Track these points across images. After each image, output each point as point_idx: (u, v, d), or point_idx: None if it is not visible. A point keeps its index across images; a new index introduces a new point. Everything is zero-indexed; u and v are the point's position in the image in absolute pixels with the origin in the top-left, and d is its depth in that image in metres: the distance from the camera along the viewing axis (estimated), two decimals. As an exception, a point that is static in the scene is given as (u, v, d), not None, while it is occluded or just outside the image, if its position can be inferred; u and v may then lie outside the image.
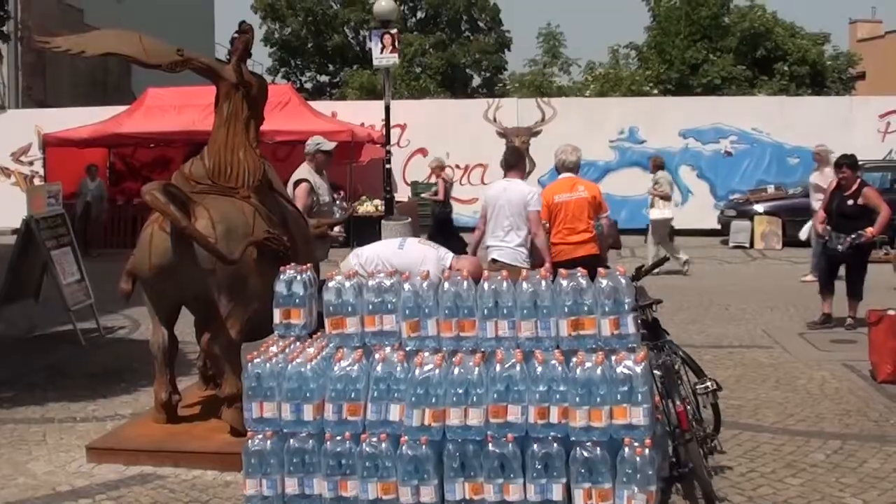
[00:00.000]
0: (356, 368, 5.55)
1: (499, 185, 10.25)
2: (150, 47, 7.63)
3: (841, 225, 12.23)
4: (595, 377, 5.25)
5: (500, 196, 9.92)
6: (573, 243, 10.16)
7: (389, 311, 5.73)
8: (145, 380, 9.49)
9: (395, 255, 7.89)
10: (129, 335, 12.76)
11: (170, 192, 7.09)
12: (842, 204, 12.28)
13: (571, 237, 10.21)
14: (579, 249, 10.07)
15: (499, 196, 9.93)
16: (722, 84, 36.96)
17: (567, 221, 10.25)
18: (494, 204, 9.91)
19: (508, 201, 9.80)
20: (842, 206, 12.28)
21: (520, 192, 9.82)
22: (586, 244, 10.14)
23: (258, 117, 8.04)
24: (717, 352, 11.13)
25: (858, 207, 12.17)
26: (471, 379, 5.35)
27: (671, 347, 6.71)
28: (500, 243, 9.87)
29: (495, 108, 27.69)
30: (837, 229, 12.23)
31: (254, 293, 7.14)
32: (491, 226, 9.98)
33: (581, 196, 10.33)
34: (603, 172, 27.17)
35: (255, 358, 5.74)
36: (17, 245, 12.51)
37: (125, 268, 7.58)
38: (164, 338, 7.61)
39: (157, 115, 25.19)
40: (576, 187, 10.45)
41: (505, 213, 9.81)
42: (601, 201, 10.52)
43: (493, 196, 10.04)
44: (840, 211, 12.30)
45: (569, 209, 10.28)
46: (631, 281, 5.69)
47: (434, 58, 48.91)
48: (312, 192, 9.74)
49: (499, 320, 5.55)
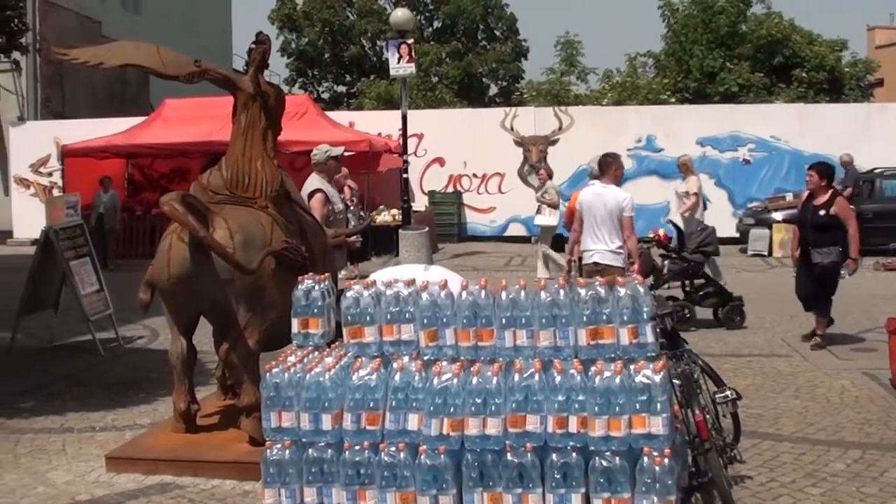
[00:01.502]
0: (374, 378, 5.55)
1: (592, 190, 10.84)
2: (168, 59, 7.68)
3: (815, 239, 11.68)
4: (614, 386, 5.23)
5: (595, 201, 10.52)
6: None
7: (407, 321, 5.72)
8: (164, 389, 9.52)
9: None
10: (148, 345, 12.81)
11: (188, 202, 7.12)
12: (814, 215, 11.72)
13: None
14: None
15: (594, 201, 10.53)
16: (739, 92, 36.85)
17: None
18: (589, 209, 10.53)
19: (604, 206, 10.43)
20: (814, 218, 11.71)
21: (615, 198, 10.47)
22: None
23: (276, 127, 8.06)
24: (737, 360, 11.11)
25: (830, 218, 11.59)
26: (489, 388, 5.34)
27: (690, 356, 6.69)
28: (599, 246, 10.48)
29: (512, 117, 27.73)
30: (814, 245, 11.67)
31: (272, 303, 7.16)
32: (586, 230, 10.60)
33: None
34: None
35: (274, 367, 5.74)
36: (36, 256, 12.59)
37: (144, 278, 7.61)
38: (183, 347, 7.64)
39: (174, 125, 25.28)
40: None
41: (601, 217, 10.43)
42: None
43: (587, 201, 10.64)
44: (813, 223, 11.72)
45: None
46: (649, 290, 5.68)
47: (451, 67, 48.97)
48: (328, 202, 9.77)
49: (517, 329, 5.53)
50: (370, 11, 50.58)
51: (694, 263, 13.59)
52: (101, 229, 22.83)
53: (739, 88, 37.08)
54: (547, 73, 43.22)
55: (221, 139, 19.48)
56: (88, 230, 13.63)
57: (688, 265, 13.52)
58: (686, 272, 13.63)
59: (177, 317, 7.63)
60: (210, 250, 6.98)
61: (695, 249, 13.63)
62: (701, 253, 13.67)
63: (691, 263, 13.57)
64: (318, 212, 9.33)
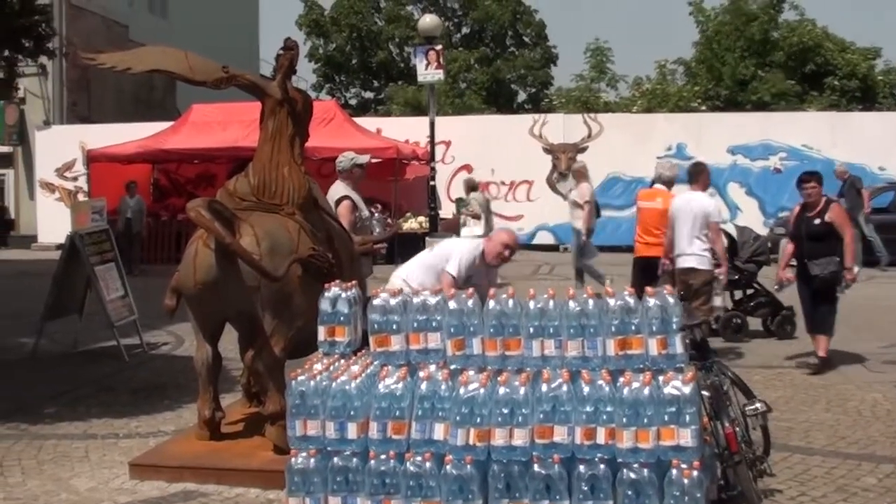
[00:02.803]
0: (401, 386, 5.55)
1: (683, 197, 11.59)
2: (196, 64, 7.70)
3: (812, 250, 11.26)
4: (642, 397, 5.22)
5: (684, 207, 11.26)
6: (644, 243, 12.19)
7: (434, 329, 5.73)
8: (188, 396, 9.56)
9: (428, 255, 8.67)
10: (173, 351, 12.86)
11: (214, 208, 7.14)
12: (809, 225, 11.32)
13: (645, 238, 12.20)
14: (650, 250, 12.01)
15: (683, 207, 11.27)
16: (772, 101, 36.71)
17: (642, 224, 12.33)
18: (679, 215, 11.22)
19: (692, 212, 11.10)
20: (809, 227, 11.30)
21: (702, 204, 11.24)
22: (655, 247, 11.85)
23: (303, 134, 8.08)
24: (767, 372, 11.05)
25: (825, 226, 11.20)
26: (516, 398, 5.34)
27: (720, 367, 6.67)
28: (686, 251, 11.12)
29: (541, 124, 27.68)
30: (809, 256, 11.24)
31: (298, 310, 7.17)
32: (677, 235, 11.23)
33: (656, 207, 12.07)
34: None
35: (299, 375, 5.76)
36: (61, 261, 12.66)
37: (169, 284, 7.64)
38: (209, 354, 7.66)
39: (201, 131, 25.43)
40: (656, 198, 12.23)
41: (688, 223, 11.09)
42: None
43: (677, 208, 11.36)
44: (808, 233, 11.32)
45: (644, 214, 12.32)
46: (680, 300, 5.66)
47: (479, 73, 49.04)
48: (355, 209, 9.81)
49: (545, 339, 5.53)
50: (398, 17, 50.73)
51: (747, 273, 13.52)
52: (128, 234, 22.97)
53: (772, 97, 36.94)
54: (576, 80, 43.32)
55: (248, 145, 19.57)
56: (115, 235, 13.71)
57: (740, 275, 13.44)
58: (738, 282, 13.55)
59: (202, 323, 7.65)
60: (236, 257, 7.01)
61: (748, 259, 13.56)
62: (754, 263, 13.61)
63: (744, 273, 13.49)
64: (345, 219, 9.35)
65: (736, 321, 13.26)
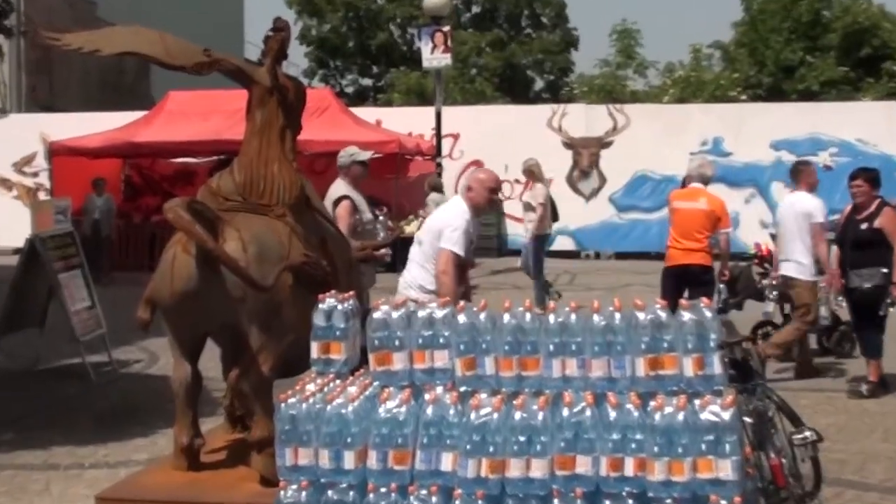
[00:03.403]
0: (404, 411, 5.55)
1: (787, 199, 12.15)
2: (174, 47, 7.70)
3: (854, 258, 11.28)
4: (676, 424, 5.21)
5: (786, 212, 11.79)
6: (682, 249, 12.01)
7: (442, 346, 5.72)
8: (164, 421, 9.58)
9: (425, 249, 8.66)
10: (146, 370, 12.90)
11: (195, 209, 7.14)
12: (855, 229, 11.37)
13: (683, 243, 12.01)
14: (689, 257, 11.91)
15: (785, 212, 11.81)
16: (821, 90, 36.67)
17: (679, 228, 12.14)
18: (782, 221, 11.75)
19: (794, 216, 11.61)
20: (855, 232, 11.35)
21: (804, 206, 11.62)
22: (696, 253, 11.86)
23: (295, 126, 8.08)
24: (817, 396, 11.05)
25: (873, 232, 11.19)
26: (534, 425, 5.33)
27: (764, 391, 6.68)
28: (788, 258, 11.55)
29: (560, 116, 27.78)
30: (852, 265, 11.28)
31: (289, 324, 7.17)
32: (779, 243, 11.75)
33: (699, 207, 12.02)
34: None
35: (290, 398, 5.76)
36: (19, 267, 12.69)
37: (143, 294, 7.65)
38: (187, 373, 7.65)
39: (179, 121, 25.48)
40: (698, 198, 12.18)
41: (790, 229, 11.57)
42: (721, 216, 12.08)
43: (782, 213, 11.89)
44: (853, 238, 11.35)
45: (683, 216, 12.17)
46: (718, 314, 5.67)
47: (491, 58, 49.10)
48: (356, 211, 9.83)
49: (566, 358, 5.53)
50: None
51: None
52: (96, 238, 22.98)
53: (821, 86, 36.90)
54: (600, 66, 43.41)
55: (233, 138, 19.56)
56: (81, 239, 13.72)
57: None
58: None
59: (180, 338, 7.64)
60: (220, 264, 7.01)
61: None
62: None
63: None
64: (344, 221, 9.37)
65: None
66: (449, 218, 8.50)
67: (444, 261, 8.21)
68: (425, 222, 9.15)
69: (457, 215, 8.48)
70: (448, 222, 8.44)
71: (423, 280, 8.47)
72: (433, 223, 8.72)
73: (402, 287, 8.62)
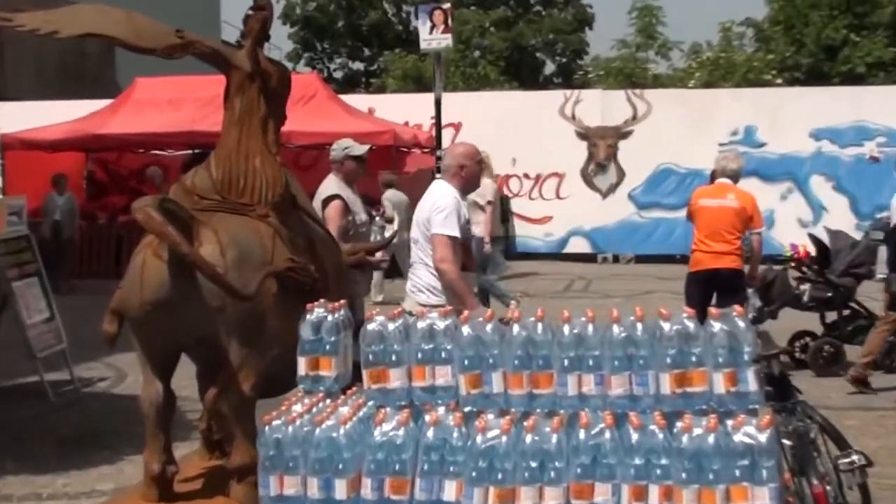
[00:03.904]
0: (401, 434, 5.54)
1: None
2: (142, 27, 7.70)
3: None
4: (706, 448, 5.21)
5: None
6: (710, 252, 11.91)
7: (444, 361, 5.72)
8: (132, 446, 9.56)
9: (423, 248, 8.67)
10: (112, 389, 12.89)
11: (167, 209, 7.14)
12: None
13: (711, 246, 11.93)
14: (718, 261, 11.83)
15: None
16: (868, 72, 36.65)
17: (706, 228, 12.03)
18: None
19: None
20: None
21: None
22: (726, 256, 11.82)
23: (278, 116, 8.10)
24: (864, 415, 11.05)
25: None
26: (547, 449, 5.33)
27: (805, 410, 6.67)
28: None
29: (574, 103, 27.80)
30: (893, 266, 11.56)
31: (273, 337, 7.18)
32: None
33: (729, 205, 11.96)
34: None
35: (274, 419, 5.76)
36: (-33, 274, 12.66)
37: (109, 304, 7.64)
38: (158, 393, 7.64)
39: (147, 111, 25.46)
40: (726, 194, 12.12)
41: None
42: (753, 214, 12.04)
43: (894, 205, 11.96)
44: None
45: (710, 216, 12.04)
46: (752, 324, 5.67)
47: (496, 39, 49.15)
48: (348, 211, 9.83)
49: (583, 374, 5.52)
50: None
51: (843, 289, 13.49)
52: (57, 241, 22.93)
53: (868, 68, 36.87)
54: (618, 48, 43.37)
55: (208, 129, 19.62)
56: (39, 242, 13.71)
57: (834, 292, 13.43)
58: (832, 300, 13.54)
59: (151, 354, 7.64)
60: (195, 270, 7.01)
61: (844, 271, 13.54)
62: (852, 276, 13.57)
63: (839, 289, 13.47)
64: (334, 223, 9.38)
65: (830, 350, 13.26)
66: (434, 203, 8.50)
67: (441, 248, 8.22)
68: (414, 217, 9.06)
69: (442, 197, 8.49)
70: (434, 207, 8.44)
71: (431, 280, 8.47)
72: (420, 215, 8.71)
73: (410, 292, 8.64)
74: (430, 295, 8.37)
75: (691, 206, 12.45)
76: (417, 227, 8.71)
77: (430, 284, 8.47)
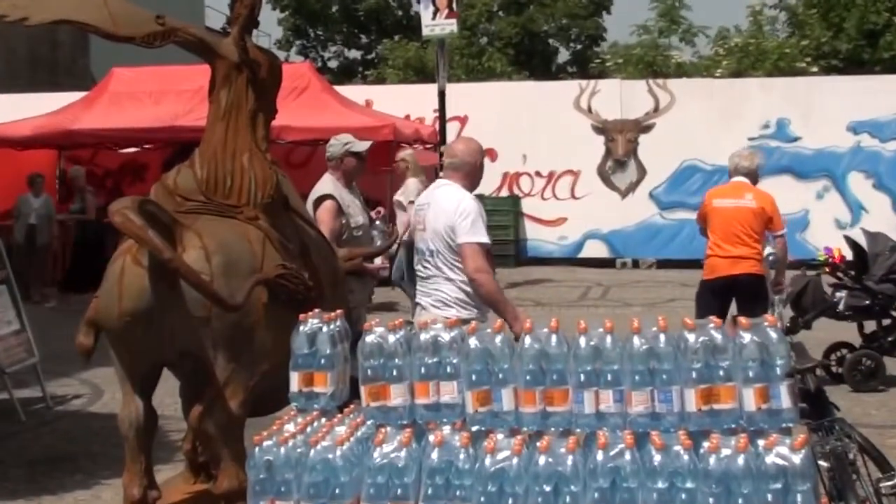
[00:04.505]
0: (403, 455, 5.55)
1: None
2: (120, 13, 7.70)
3: None
4: (735, 469, 5.22)
5: None
6: (730, 257, 11.91)
7: (449, 377, 5.73)
8: (110, 469, 9.58)
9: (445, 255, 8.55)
10: (88, 407, 12.89)
11: (148, 211, 7.15)
12: None
13: (728, 250, 11.94)
14: (737, 266, 11.84)
15: None
16: (912, 60, 36.64)
17: (721, 231, 12.04)
18: None
19: None
20: None
21: None
22: (745, 261, 11.83)
23: (268, 109, 8.11)
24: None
25: None
26: (562, 471, 5.33)
27: (843, 428, 6.68)
28: None
29: (590, 94, 27.77)
30: None
31: (263, 351, 7.20)
32: None
33: (746, 205, 12.00)
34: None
35: (265, 440, 5.77)
36: (-70, 283, 12.68)
37: (85, 315, 7.64)
38: (139, 411, 7.65)
39: (125, 104, 25.45)
40: (743, 194, 12.13)
41: None
42: (773, 216, 12.06)
43: None
44: None
45: (726, 217, 12.07)
46: (786, 335, 5.67)
47: (505, 24, 49.16)
48: (341, 213, 9.84)
49: (601, 390, 5.53)
50: (394, -52, 50.95)
51: (882, 297, 13.48)
52: (31, 247, 22.83)
53: (912, 55, 36.88)
54: (638, 33, 43.30)
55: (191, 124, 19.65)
56: (9, 248, 13.73)
57: (873, 300, 13.44)
58: (871, 309, 13.54)
59: (131, 369, 7.65)
60: (178, 278, 7.03)
61: (884, 277, 13.52)
62: (892, 282, 13.54)
63: (879, 297, 13.47)
64: (325, 226, 9.38)
65: (868, 363, 13.26)
66: (455, 208, 8.45)
67: (474, 257, 8.16)
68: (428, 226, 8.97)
69: (461, 200, 8.45)
70: (458, 212, 8.39)
71: (458, 293, 8.42)
72: (437, 224, 8.61)
73: (431, 306, 8.55)
74: (462, 309, 8.29)
75: (705, 207, 12.42)
76: (436, 236, 8.56)
77: (458, 298, 8.40)
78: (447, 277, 8.48)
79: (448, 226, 8.35)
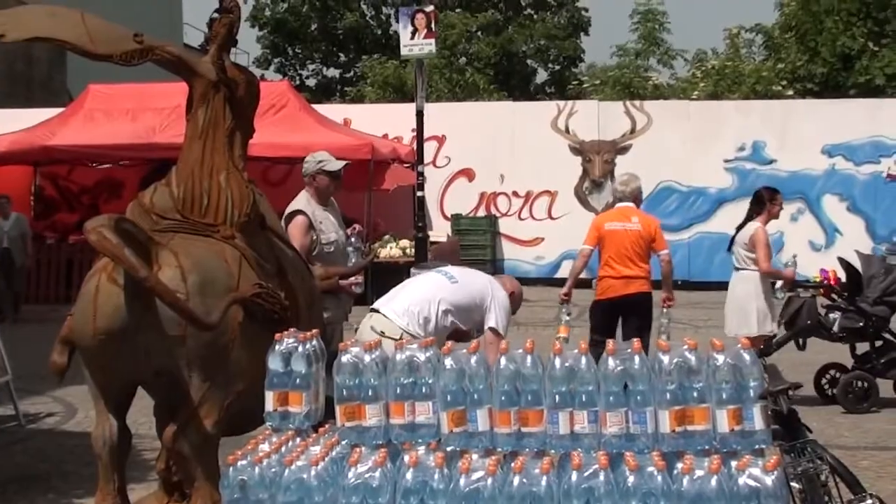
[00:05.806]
0: (378, 475, 5.55)
1: None
2: (97, 31, 7.67)
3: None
4: (708, 491, 5.23)
5: None
6: (622, 277, 12.67)
7: (424, 397, 5.73)
8: (82, 488, 9.55)
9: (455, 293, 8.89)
10: (61, 425, 12.84)
11: (124, 229, 7.14)
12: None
13: (620, 270, 12.69)
14: (630, 286, 12.64)
15: None
16: (887, 83, 36.74)
17: (614, 252, 12.73)
18: None
19: None
20: None
21: None
22: (637, 280, 12.63)
23: (246, 128, 8.10)
24: (881, 455, 11.07)
25: None
26: (536, 492, 5.34)
27: (815, 450, 6.69)
28: None
29: (568, 115, 27.82)
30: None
31: (238, 370, 7.18)
32: None
33: (632, 228, 12.74)
34: (715, 204, 27.26)
35: (240, 459, 5.76)
36: None
37: (59, 333, 7.62)
38: (112, 430, 7.62)
39: (102, 121, 25.41)
40: (630, 217, 12.87)
41: None
42: (655, 237, 12.80)
43: None
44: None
45: (617, 240, 12.77)
46: (759, 357, 5.69)
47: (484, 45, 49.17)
48: (311, 229, 9.83)
49: (575, 410, 5.54)
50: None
51: (875, 319, 13.50)
52: (6, 270, 22.54)
53: (887, 79, 36.97)
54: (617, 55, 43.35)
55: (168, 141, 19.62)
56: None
57: (866, 321, 13.46)
58: (864, 330, 13.56)
59: (104, 387, 7.62)
60: (153, 296, 7.01)
61: (878, 299, 13.54)
62: (886, 304, 13.57)
63: (872, 319, 13.49)
64: (296, 241, 9.35)
65: (861, 384, 13.27)
66: (497, 293, 8.99)
67: (491, 344, 8.34)
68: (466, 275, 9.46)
69: (503, 295, 9.03)
70: (498, 298, 8.96)
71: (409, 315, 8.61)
72: (480, 285, 9.15)
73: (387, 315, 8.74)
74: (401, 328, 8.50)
75: (598, 231, 13.03)
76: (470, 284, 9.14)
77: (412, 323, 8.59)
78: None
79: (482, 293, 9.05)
